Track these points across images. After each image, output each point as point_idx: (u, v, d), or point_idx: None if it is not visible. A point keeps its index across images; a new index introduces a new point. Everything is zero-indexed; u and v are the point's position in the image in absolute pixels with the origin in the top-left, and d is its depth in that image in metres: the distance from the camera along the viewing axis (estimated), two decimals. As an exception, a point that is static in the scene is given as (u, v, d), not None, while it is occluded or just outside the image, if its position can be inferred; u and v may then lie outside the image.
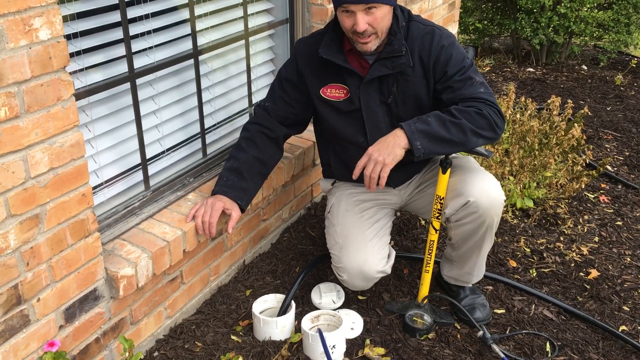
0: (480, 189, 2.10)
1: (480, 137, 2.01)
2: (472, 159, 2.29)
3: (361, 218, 2.26)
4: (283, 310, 2.24)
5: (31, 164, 1.54)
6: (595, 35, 5.33)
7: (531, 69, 5.40)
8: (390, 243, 2.36)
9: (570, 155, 3.21)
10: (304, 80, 2.21)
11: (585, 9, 5.09)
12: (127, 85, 2.03)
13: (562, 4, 5.00)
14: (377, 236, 2.24)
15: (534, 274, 2.65)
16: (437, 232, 2.23)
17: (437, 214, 2.18)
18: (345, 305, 2.41)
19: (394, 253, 2.30)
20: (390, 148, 1.97)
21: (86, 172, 1.70)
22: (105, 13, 1.93)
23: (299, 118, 2.31)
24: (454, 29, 4.28)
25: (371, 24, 1.96)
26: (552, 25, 5.12)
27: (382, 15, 1.97)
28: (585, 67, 5.46)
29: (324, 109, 2.21)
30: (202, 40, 2.31)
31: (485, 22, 5.62)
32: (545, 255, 2.77)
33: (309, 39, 2.24)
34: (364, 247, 2.18)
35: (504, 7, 5.55)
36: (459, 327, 2.33)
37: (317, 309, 2.37)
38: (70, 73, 1.61)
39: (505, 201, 2.26)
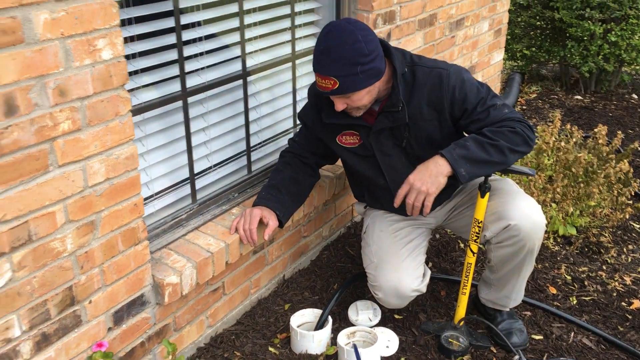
0: (522, 213, 2.10)
1: (517, 152, 2.04)
2: (511, 180, 2.30)
3: (395, 238, 2.30)
4: (320, 325, 2.29)
5: (89, 173, 1.66)
6: (646, 63, 5.25)
7: (579, 97, 5.35)
8: (428, 265, 2.39)
9: (615, 186, 3.17)
10: (317, 130, 2.29)
11: (637, 37, 5.02)
12: (180, 103, 2.14)
13: (613, 32, 4.95)
14: (411, 255, 2.27)
15: (574, 302, 2.62)
16: (475, 255, 2.25)
17: (475, 237, 2.20)
18: (382, 323, 2.45)
19: (429, 272, 2.32)
20: (434, 177, 1.98)
21: (139, 184, 1.81)
22: (162, 35, 2.05)
23: (327, 153, 2.38)
24: (499, 55, 4.30)
25: (349, 104, 2.02)
26: (602, 53, 5.07)
27: (360, 97, 1.99)
28: (635, 96, 5.37)
29: (343, 154, 2.29)
30: (250, 62, 2.42)
31: (534, 49, 5.61)
32: (586, 283, 2.74)
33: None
34: (398, 266, 2.22)
35: (553, 35, 5.53)
36: (495, 351, 2.32)
37: (353, 325, 2.41)
38: (127, 90, 1.72)
39: (546, 226, 2.26)
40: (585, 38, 5.10)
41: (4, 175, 1.45)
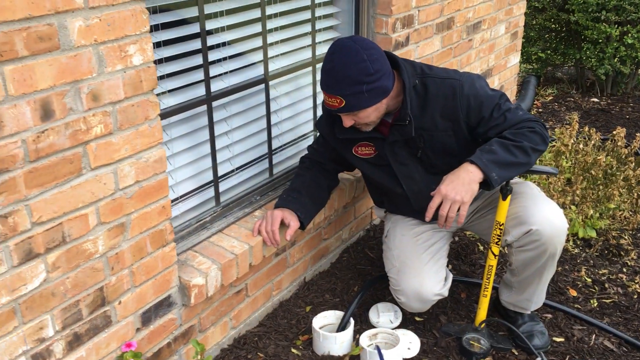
0: (543, 217, 2.11)
1: (538, 152, 2.06)
2: (532, 184, 2.31)
3: (417, 242, 2.32)
4: (342, 327, 2.31)
5: (120, 176, 1.69)
6: (663, 65, 5.22)
7: (595, 99, 5.33)
8: (448, 267, 2.40)
9: (635, 189, 3.16)
10: (333, 142, 2.31)
11: (653, 39, 5.01)
12: (204, 107, 2.18)
13: (630, 35, 4.94)
14: (432, 259, 2.28)
15: (595, 304, 2.62)
16: (496, 257, 2.26)
17: (497, 240, 2.21)
18: (403, 325, 2.46)
19: (451, 276, 2.34)
20: (467, 185, 1.97)
21: (166, 186, 1.85)
22: (188, 41, 2.09)
23: (345, 162, 2.40)
24: (516, 58, 4.31)
25: (357, 121, 2.05)
26: (618, 56, 5.06)
27: (367, 115, 2.03)
28: (652, 98, 5.35)
29: (360, 164, 2.32)
30: (272, 67, 2.45)
31: (549, 51, 5.60)
32: (607, 285, 2.74)
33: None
34: (420, 270, 2.24)
35: (568, 37, 5.52)
36: (516, 353, 2.33)
37: (374, 327, 2.43)
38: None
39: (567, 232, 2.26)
40: (601, 40, 5.09)
41: (40, 178, 1.49)
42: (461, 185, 1.97)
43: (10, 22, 1.34)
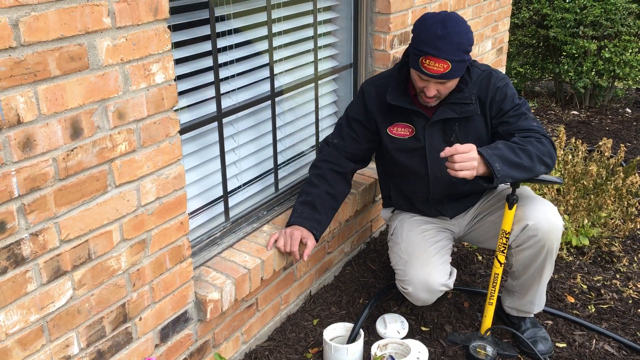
0: (540, 213, 2.20)
1: (543, 164, 2.13)
2: (529, 188, 2.40)
3: (424, 237, 2.39)
4: (352, 338, 2.34)
5: (142, 193, 1.71)
6: (638, 78, 5.41)
7: (575, 112, 5.49)
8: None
9: (625, 198, 3.27)
10: (372, 118, 2.37)
11: (629, 53, 5.19)
12: (215, 124, 2.21)
13: (607, 49, 5.11)
14: (439, 253, 2.35)
15: (593, 310, 2.70)
16: (502, 265, 2.32)
17: (502, 248, 2.28)
18: (410, 335, 2.50)
19: (455, 271, 2.39)
20: (471, 167, 2.00)
21: (185, 202, 1.87)
22: (199, 59, 2.12)
23: (364, 155, 2.46)
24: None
25: (439, 91, 2.14)
26: (596, 69, 5.23)
27: (451, 85, 2.15)
28: (629, 110, 5.53)
29: (391, 144, 2.36)
30: (278, 83, 2.49)
31: (527, 66, 5.76)
32: (602, 291, 2.82)
33: (377, 81, 2.40)
34: (428, 261, 2.29)
35: (546, 52, 5.69)
36: (522, 359, 2.38)
37: (382, 338, 2.46)
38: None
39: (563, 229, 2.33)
40: (579, 55, 5.25)
41: (69, 196, 1.50)
42: (469, 161, 1.99)
43: (44, 42, 1.36)
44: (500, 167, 2.03)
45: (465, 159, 1.99)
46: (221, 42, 2.18)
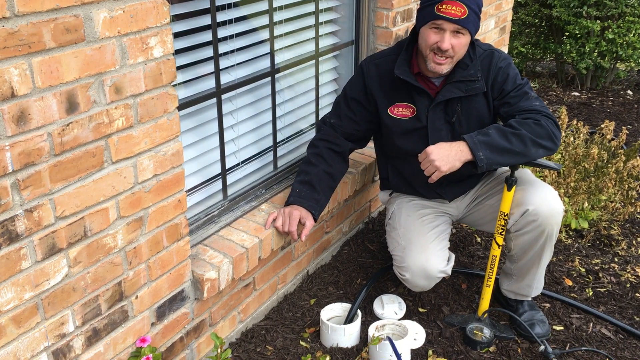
0: (540, 198, 2.17)
1: (540, 147, 2.09)
2: (529, 171, 2.37)
3: (423, 222, 2.36)
4: (350, 319, 2.33)
5: (139, 170, 1.67)
6: (641, 60, 5.36)
7: (576, 93, 5.45)
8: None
9: (626, 181, 3.24)
10: (371, 98, 2.32)
11: (632, 34, 5.13)
12: (214, 100, 2.16)
13: (611, 30, 5.05)
14: (437, 239, 2.33)
15: (590, 293, 2.69)
16: (500, 247, 2.30)
17: (501, 230, 2.26)
18: (407, 316, 2.49)
19: (453, 256, 2.37)
20: (452, 160, 2.05)
21: (183, 180, 1.83)
22: (198, 33, 2.07)
23: (362, 135, 2.42)
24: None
25: (454, 47, 2.08)
26: (598, 50, 5.17)
27: (465, 43, 2.10)
28: (630, 92, 5.49)
29: (392, 124, 2.32)
30: (278, 60, 2.44)
31: (529, 46, 5.70)
32: (600, 275, 2.81)
33: (377, 59, 2.34)
34: (426, 247, 2.27)
35: (549, 32, 5.62)
36: (519, 342, 2.38)
37: (379, 319, 2.45)
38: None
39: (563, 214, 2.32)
40: (582, 35, 5.19)
41: (64, 172, 1.47)
42: (446, 156, 2.05)
43: (39, 12, 1.31)
44: (484, 154, 2.03)
45: (425, 165, 2.08)
46: (221, 16, 2.12)
